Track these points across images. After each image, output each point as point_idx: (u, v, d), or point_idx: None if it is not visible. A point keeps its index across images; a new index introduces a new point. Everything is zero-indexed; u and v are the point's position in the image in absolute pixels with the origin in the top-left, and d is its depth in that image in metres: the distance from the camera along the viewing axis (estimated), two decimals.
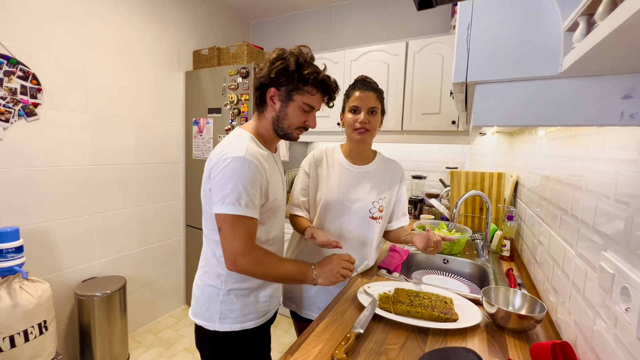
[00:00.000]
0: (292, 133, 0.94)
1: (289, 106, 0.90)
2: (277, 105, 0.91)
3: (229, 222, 0.82)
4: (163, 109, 2.32)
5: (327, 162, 1.22)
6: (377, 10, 2.45)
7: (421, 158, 2.36)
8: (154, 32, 2.20)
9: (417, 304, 0.91)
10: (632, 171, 0.57)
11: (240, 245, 0.83)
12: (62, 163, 1.78)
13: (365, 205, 1.17)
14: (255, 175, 0.84)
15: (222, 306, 0.92)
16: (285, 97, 0.90)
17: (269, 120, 0.93)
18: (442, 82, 1.89)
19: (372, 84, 1.15)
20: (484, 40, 0.55)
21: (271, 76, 0.89)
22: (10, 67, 1.54)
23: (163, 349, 2.10)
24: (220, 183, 0.82)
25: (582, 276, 0.74)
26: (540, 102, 0.52)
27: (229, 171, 0.81)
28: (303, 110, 0.91)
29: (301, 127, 0.94)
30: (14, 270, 1.43)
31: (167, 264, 2.47)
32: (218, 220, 0.84)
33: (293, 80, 0.88)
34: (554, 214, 0.99)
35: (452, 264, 1.40)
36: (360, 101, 1.10)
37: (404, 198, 1.27)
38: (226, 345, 0.94)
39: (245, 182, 0.82)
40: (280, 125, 0.92)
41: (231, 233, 0.82)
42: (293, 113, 0.91)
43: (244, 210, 0.82)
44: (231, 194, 0.81)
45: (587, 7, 0.41)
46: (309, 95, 0.90)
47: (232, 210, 0.81)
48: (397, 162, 1.27)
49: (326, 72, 0.93)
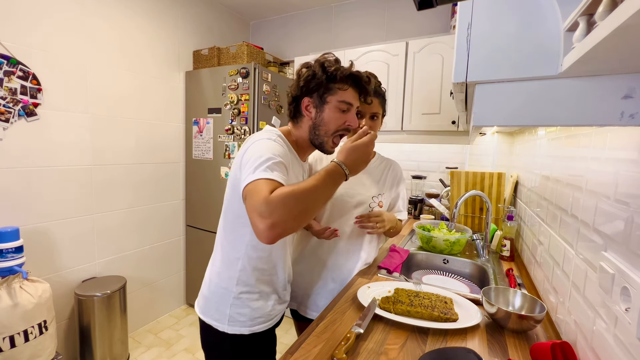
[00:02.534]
0: (328, 141, 0.91)
1: (324, 110, 0.88)
2: (312, 113, 0.89)
3: (260, 185, 0.72)
4: (163, 108, 2.32)
5: (327, 161, 1.23)
6: (377, 10, 2.45)
7: (421, 158, 2.37)
8: (154, 32, 2.20)
9: (417, 304, 0.91)
10: (632, 171, 0.57)
11: (265, 193, 0.71)
12: (62, 163, 1.78)
13: (365, 200, 1.18)
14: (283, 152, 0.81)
15: (232, 309, 0.91)
16: (319, 103, 0.88)
17: (306, 130, 0.92)
18: (442, 82, 1.89)
19: (376, 88, 1.14)
20: (484, 40, 0.55)
21: (301, 85, 0.88)
22: (10, 67, 1.54)
23: (163, 349, 2.10)
24: (254, 156, 0.78)
25: (582, 276, 0.74)
26: (540, 102, 0.52)
27: (262, 147, 0.79)
28: (340, 110, 0.88)
29: (339, 131, 0.90)
30: (14, 270, 1.43)
31: (167, 264, 2.47)
32: (246, 192, 0.75)
33: (322, 83, 0.86)
34: (554, 214, 0.99)
35: (452, 264, 1.40)
36: (363, 106, 1.10)
37: (402, 196, 1.28)
38: (233, 347, 0.93)
39: (278, 155, 0.78)
40: (317, 133, 0.90)
41: (258, 189, 0.71)
42: (330, 116, 0.88)
43: (277, 176, 0.74)
44: (265, 162, 0.75)
45: (587, 7, 0.41)
46: (342, 91, 0.88)
47: (264, 175, 0.73)
48: (396, 161, 1.29)
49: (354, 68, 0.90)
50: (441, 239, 1.43)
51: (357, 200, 1.18)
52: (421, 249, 1.51)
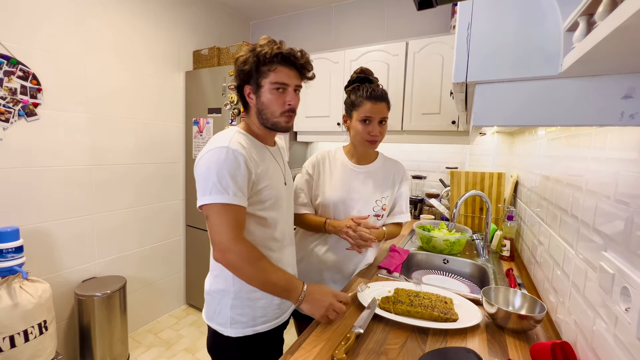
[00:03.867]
0: (279, 121, 0.91)
1: (262, 94, 0.89)
2: (254, 99, 0.91)
3: (216, 211, 0.79)
4: (163, 109, 2.32)
5: (330, 163, 1.23)
6: (377, 10, 2.45)
7: (421, 158, 2.36)
8: (154, 32, 2.20)
9: (417, 304, 0.91)
10: (632, 171, 0.57)
11: (230, 233, 0.80)
12: (62, 163, 1.78)
13: (368, 204, 1.18)
14: (240, 164, 0.81)
15: (232, 311, 0.91)
16: (257, 88, 0.89)
17: (255, 117, 0.93)
18: (442, 82, 1.89)
19: (384, 94, 1.13)
20: (484, 40, 0.55)
21: (238, 75, 0.90)
22: (10, 67, 1.54)
23: (163, 349, 2.10)
24: (204, 174, 0.80)
25: (582, 276, 0.74)
26: (540, 102, 0.52)
27: (212, 161, 0.80)
28: (277, 91, 0.88)
29: (285, 111, 0.90)
30: (14, 270, 1.43)
31: (167, 264, 2.47)
32: (205, 212, 0.82)
33: (253, 67, 0.87)
34: (554, 214, 0.99)
35: (452, 264, 1.40)
36: (372, 113, 1.10)
37: (405, 196, 1.27)
38: (239, 350, 0.93)
39: (231, 170, 0.79)
40: (265, 117, 0.91)
41: (219, 222, 0.80)
42: (268, 99, 0.88)
43: (232, 199, 0.79)
44: (218, 182, 0.78)
45: (587, 7, 0.40)
46: (273, 72, 0.87)
47: (219, 199, 0.78)
48: (399, 162, 1.28)
49: (285, 46, 0.88)
50: (441, 239, 1.43)
51: (361, 205, 1.17)
52: (421, 249, 1.51)
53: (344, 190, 1.18)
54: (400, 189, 1.25)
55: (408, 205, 1.28)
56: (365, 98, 1.10)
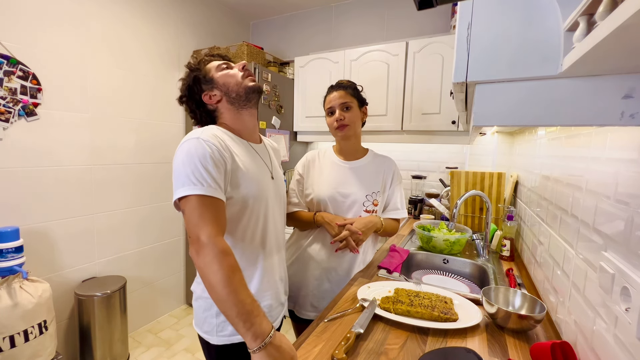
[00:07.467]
0: (245, 84, 0.93)
1: (215, 83, 0.92)
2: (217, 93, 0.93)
3: (193, 203, 0.73)
4: (163, 108, 2.32)
5: (320, 161, 1.25)
6: (377, 10, 2.45)
7: (421, 158, 2.36)
8: (154, 31, 2.20)
9: (417, 304, 0.91)
10: (632, 171, 0.57)
11: (207, 227, 0.72)
12: (62, 163, 1.78)
13: (358, 199, 1.18)
14: (214, 155, 0.78)
15: (218, 318, 0.88)
16: (209, 85, 0.93)
17: (229, 108, 0.93)
18: (442, 82, 1.89)
19: (342, 82, 1.21)
20: (484, 40, 0.55)
21: (193, 92, 0.95)
22: (10, 67, 1.54)
23: (163, 349, 2.10)
24: (177, 168, 0.77)
25: (582, 276, 0.74)
26: (540, 102, 0.52)
27: (185, 154, 0.77)
28: (223, 69, 0.94)
29: (243, 75, 0.94)
30: (14, 270, 1.43)
31: (167, 263, 2.47)
32: (181, 206, 0.76)
33: (196, 75, 0.93)
34: (554, 214, 0.99)
35: (452, 264, 1.40)
36: (331, 102, 1.18)
37: (398, 192, 1.26)
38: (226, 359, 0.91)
39: (204, 161, 0.76)
40: (235, 91, 0.92)
41: (197, 214, 0.73)
42: (222, 79, 0.92)
43: (207, 190, 0.74)
44: (191, 174, 0.74)
45: (587, 7, 0.40)
46: (210, 65, 0.95)
47: (194, 190, 0.73)
48: (389, 157, 1.29)
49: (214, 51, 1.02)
50: (441, 239, 1.43)
51: (351, 200, 1.18)
52: (421, 249, 1.51)
53: (334, 185, 1.19)
54: (392, 184, 1.25)
55: (404, 202, 1.27)
56: (326, 94, 1.22)
